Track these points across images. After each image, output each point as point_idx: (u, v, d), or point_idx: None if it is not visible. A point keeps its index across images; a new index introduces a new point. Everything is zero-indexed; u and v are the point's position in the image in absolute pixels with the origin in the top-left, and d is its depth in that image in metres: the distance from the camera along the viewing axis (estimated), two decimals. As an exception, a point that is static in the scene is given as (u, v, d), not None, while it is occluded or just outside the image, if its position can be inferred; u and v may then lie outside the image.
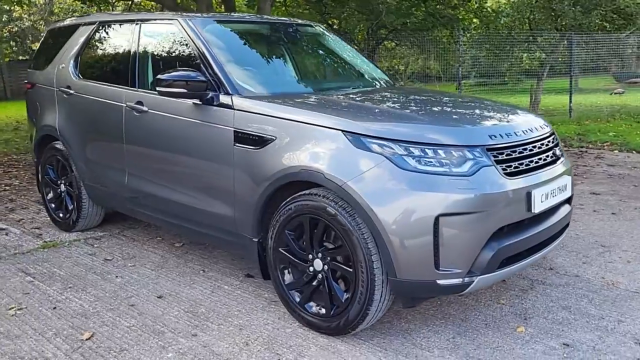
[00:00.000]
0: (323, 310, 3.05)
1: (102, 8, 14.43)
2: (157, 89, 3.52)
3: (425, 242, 2.70)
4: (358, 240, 2.79)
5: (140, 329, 3.17)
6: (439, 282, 2.75)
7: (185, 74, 3.45)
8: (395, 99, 3.74)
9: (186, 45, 3.81)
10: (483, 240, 2.77)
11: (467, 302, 3.47)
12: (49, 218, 5.22)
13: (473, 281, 2.79)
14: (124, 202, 4.27)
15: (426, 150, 2.78)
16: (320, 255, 3.02)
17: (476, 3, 12.52)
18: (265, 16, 4.73)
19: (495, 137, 2.93)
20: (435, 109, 3.42)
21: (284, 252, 3.17)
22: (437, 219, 2.68)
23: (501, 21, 12.92)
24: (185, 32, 3.79)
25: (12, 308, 3.45)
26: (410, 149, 2.78)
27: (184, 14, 3.96)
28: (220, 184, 3.44)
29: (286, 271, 3.21)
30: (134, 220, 5.19)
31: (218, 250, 4.41)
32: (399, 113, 3.29)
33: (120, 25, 4.42)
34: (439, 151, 2.79)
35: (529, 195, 2.91)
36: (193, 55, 3.72)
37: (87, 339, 3.07)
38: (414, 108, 3.45)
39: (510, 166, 2.91)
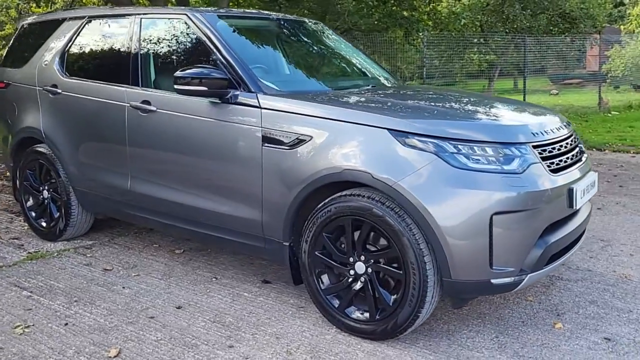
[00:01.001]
0: (366, 315, 2.96)
1: (41, 5, 13.72)
2: (175, 87, 3.33)
3: (481, 241, 2.66)
4: (409, 241, 2.72)
5: (170, 343, 2.97)
6: (492, 281, 2.72)
7: (206, 71, 3.27)
8: (427, 97, 3.68)
9: (197, 41, 3.63)
10: (535, 237, 2.76)
11: (496, 301, 3.47)
12: (27, 227, 4.86)
13: (523, 279, 2.78)
14: (124, 207, 4.01)
15: (475, 148, 2.74)
16: (363, 257, 2.92)
17: (428, 5, 12.73)
18: (267, 12, 4.56)
19: (537, 134, 2.93)
20: (473, 107, 3.39)
21: (320, 255, 3.06)
22: (491, 217, 2.64)
23: (461, 23, 13.23)
24: (197, 27, 3.60)
25: (19, 326, 3.16)
26: (460, 146, 2.73)
27: (192, 8, 3.76)
28: (246, 186, 3.28)
29: (323, 275, 3.09)
30: (122, 227, 4.91)
31: (223, 256, 4.23)
32: (442, 111, 3.24)
33: (115, 20, 4.16)
34: (488, 149, 2.75)
35: (570, 192, 2.92)
36: (206, 51, 3.54)
37: (115, 356, 2.84)
38: (452, 106, 3.41)
39: (553, 163, 2.92)
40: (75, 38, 4.34)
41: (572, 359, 2.79)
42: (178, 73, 3.29)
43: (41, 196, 4.61)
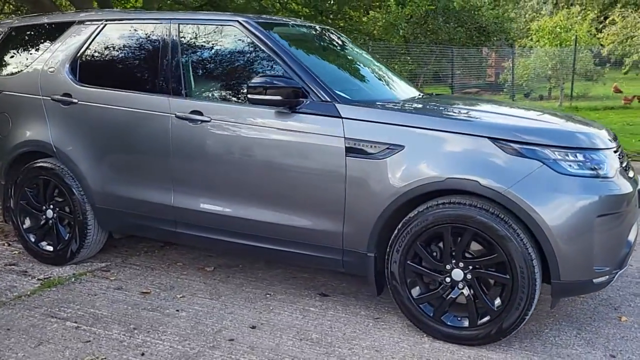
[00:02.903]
0: (466, 322, 2.99)
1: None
2: (249, 96, 3.20)
3: (587, 242, 2.80)
4: (517, 246, 2.80)
5: (272, 365, 2.83)
6: (594, 280, 2.87)
7: (280, 80, 3.18)
8: (497, 106, 3.75)
9: (253, 49, 3.49)
10: (625, 237, 2.96)
11: (548, 298, 3.62)
12: (17, 251, 4.40)
13: (614, 277, 2.96)
14: (161, 224, 3.73)
15: (572, 154, 2.88)
16: (461, 264, 2.96)
17: (366, 15, 13.08)
18: (301, 20, 4.44)
19: (611, 141, 3.14)
20: (548, 116, 3.52)
21: (413, 264, 3.06)
22: (595, 219, 2.79)
23: (399, 33, 13.69)
24: (253, 35, 3.46)
25: (91, 361, 2.86)
26: (560, 153, 2.86)
27: (242, 15, 3.61)
28: (325, 198, 3.20)
29: (414, 284, 3.09)
30: (127, 246, 4.57)
31: (259, 272, 4.08)
32: (532, 119, 3.34)
33: (142, 24, 3.87)
34: (580, 155, 2.90)
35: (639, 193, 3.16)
36: (262, 60, 3.43)
37: (223, 384, 2.66)
38: (531, 115, 3.52)
39: (624, 168, 3.14)
40: (90, 43, 3.99)
41: (656, 348, 3.01)
42: (252, 82, 3.16)
43: (43, 216, 4.17)
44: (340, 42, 4.26)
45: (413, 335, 3.13)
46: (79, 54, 4.00)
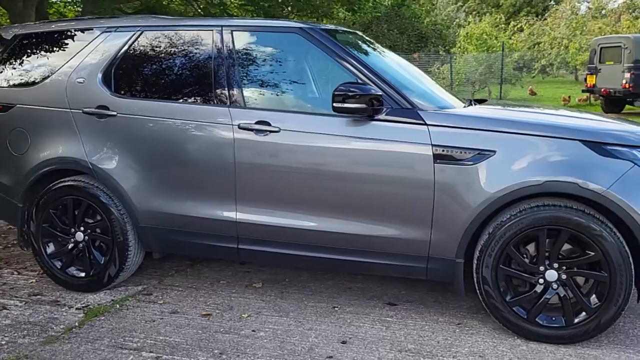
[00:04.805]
0: (562, 321, 3.06)
1: None
2: (334, 104, 3.11)
3: (678, 237, 2.95)
4: (614, 244, 2.90)
5: (389, 380, 2.76)
6: (681, 274, 3.03)
7: (363, 88, 3.13)
8: (567, 111, 3.86)
9: (319, 57, 3.41)
10: None
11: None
12: (33, 279, 4.04)
13: None
14: (219, 241, 3.54)
15: (655, 154, 3.03)
16: (556, 265, 3.03)
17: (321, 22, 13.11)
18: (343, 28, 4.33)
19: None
20: (609, 119, 3.67)
21: (506, 268, 3.09)
22: (682, 214, 2.95)
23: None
24: (320, 42, 3.37)
25: (198, 392, 2.66)
26: (646, 153, 3.00)
27: (304, 22, 3.50)
28: (412, 206, 3.17)
29: (507, 288, 3.12)
30: (153, 267, 4.29)
31: (310, 284, 3.97)
32: (605, 121, 3.46)
33: (187, 31, 3.65)
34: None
35: None
36: (332, 67, 3.37)
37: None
38: (602, 118, 3.65)
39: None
40: (126, 52, 3.72)
41: None
42: (339, 90, 3.08)
43: (72, 239, 3.84)
44: (381, 48, 4.23)
45: (505, 338, 3.16)
46: (113, 64, 3.72)
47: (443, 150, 3.10)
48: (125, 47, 3.72)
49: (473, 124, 3.13)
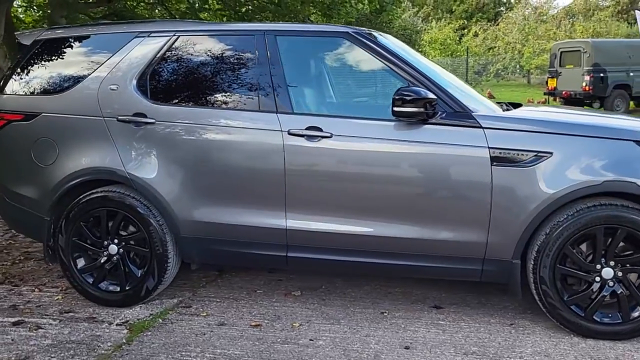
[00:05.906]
0: (618, 318, 3.13)
1: None
2: (394, 109, 3.10)
3: None
4: (669, 240, 3.00)
5: (467, 383, 2.76)
6: None
7: (422, 92, 3.14)
8: (612, 113, 3.96)
9: (367, 60, 3.39)
10: None
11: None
12: (58, 296, 3.88)
13: None
14: (269, 249, 3.47)
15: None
16: (612, 263, 3.11)
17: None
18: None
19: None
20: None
21: (563, 267, 3.15)
22: None
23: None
24: (368, 46, 3.36)
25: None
26: (692, 153, 3.12)
27: (351, 27, 3.48)
28: (469, 209, 3.19)
29: (560, 287, 3.18)
30: (182, 278, 4.17)
31: (349, 290, 3.94)
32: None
33: (225, 36, 3.58)
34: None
35: None
36: (382, 71, 3.35)
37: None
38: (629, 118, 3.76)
39: None
40: (162, 58, 3.61)
41: None
42: (399, 94, 3.07)
43: (105, 253, 3.69)
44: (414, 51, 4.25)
45: (562, 337, 3.21)
46: (148, 70, 3.60)
47: (500, 153, 3.14)
48: (161, 53, 3.62)
49: (529, 126, 3.18)
